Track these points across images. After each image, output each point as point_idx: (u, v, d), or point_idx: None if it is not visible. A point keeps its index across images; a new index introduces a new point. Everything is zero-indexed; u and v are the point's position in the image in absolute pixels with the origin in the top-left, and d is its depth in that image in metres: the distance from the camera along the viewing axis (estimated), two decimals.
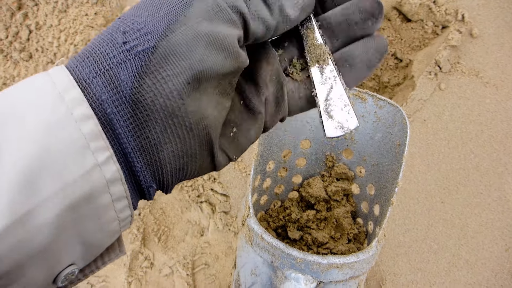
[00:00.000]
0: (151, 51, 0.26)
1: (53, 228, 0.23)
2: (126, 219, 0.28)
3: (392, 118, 0.70)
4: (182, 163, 0.29)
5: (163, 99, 0.26)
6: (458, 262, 0.98)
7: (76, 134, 0.24)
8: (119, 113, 0.26)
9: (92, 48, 0.27)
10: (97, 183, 0.25)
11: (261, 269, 0.61)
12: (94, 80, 0.26)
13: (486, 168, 1.05)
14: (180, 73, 0.26)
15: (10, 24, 1.24)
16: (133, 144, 0.26)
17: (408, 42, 1.22)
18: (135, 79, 0.26)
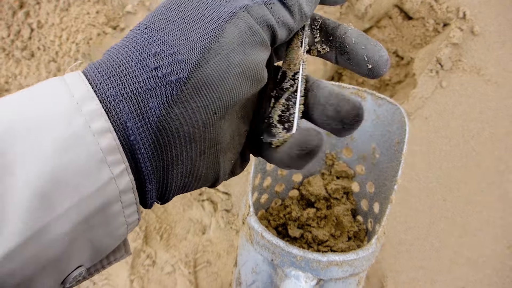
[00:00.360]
0: (184, 82, 0.25)
1: (66, 240, 0.23)
2: (133, 223, 0.28)
3: (391, 116, 0.70)
4: (187, 182, 0.29)
5: (188, 127, 0.26)
6: (459, 260, 0.98)
7: (93, 148, 0.24)
8: (141, 140, 0.25)
9: (117, 65, 0.26)
10: (111, 195, 0.25)
11: (262, 267, 0.61)
12: (120, 104, 0.25)
13: (488, 165, 1.06)
14: (209, 104, 0.26)
15: (12, 23, 1.24)
16: (149, 168, 0.26)
17: (409, 40, 1.22)
18: (163, 107, 0.25)
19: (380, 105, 0.71)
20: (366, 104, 0.73)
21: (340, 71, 1.30)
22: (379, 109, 0.71)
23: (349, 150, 0.81)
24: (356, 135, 0.78)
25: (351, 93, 0.73)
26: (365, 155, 0.78)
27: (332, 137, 0.81)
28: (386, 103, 0.70)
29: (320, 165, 0.86)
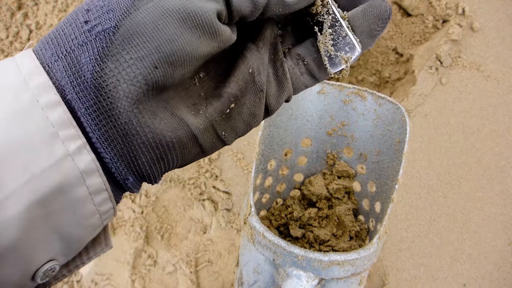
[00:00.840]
0: (113, 32, 0.24)
1: (21, 224, 0.22)
2: (108, 212, 0.26)
3: (392, 115, 0.70)
4: (159, 153, 0.26)
5: (126, 84, 0.24)
6: (460, 256, 0.99)
7: (43, 122, 0.22)
8: (80, 100, 0.24)
9: (57, 29, 0.25)
10: (70, 174, 0.23)
11: (263, 267, 0.61)
12: (56, 64, 0.24)
13: (488, 162, 1.06)
14: (145, 56, 0.24)
15: (11, 24, 1.24)
16: (98, 134, 0.24)
17: (408, 37, 1.23)
18: (96, 63, 0.23)
19: (380, 105, 0.71)
20: (366, 104, 0.73)
21: None
22: (379, 108, 0.72)
23: (350, 149, 0.82)
24: (357, 134, 0.79)
25: (351, 93, 0.73)
26: (366, 154, 0.79)
27: (333, 137, 0.81)
28: (386, 103, 0.70)
29: (321, 165, 0.86)
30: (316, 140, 0.82)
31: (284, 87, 0.31)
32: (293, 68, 0.32)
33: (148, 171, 0.26)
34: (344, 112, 0.77)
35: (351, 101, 0.74)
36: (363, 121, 0.76)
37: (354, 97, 0.73)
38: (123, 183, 0.26)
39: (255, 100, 0.29)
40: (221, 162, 1.10)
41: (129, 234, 1.02)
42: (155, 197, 1.07)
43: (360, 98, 0.73)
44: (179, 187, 1.08)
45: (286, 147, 0.80)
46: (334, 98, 0.75)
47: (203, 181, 1.08)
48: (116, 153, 0.25)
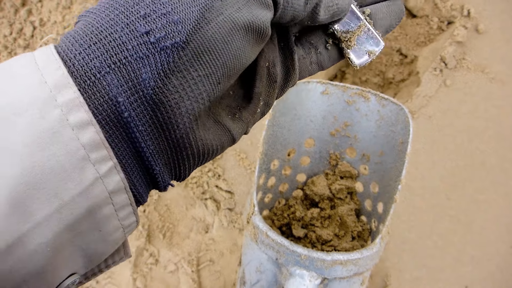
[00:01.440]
0: (182, 47, 0.22)
1: (49, 250, 0.21)
2: (131, 225, 0.25)
3: (395, 116, 0.71)
4: (203, 159, 0.26)
5: (190, 101, 0.23)
6: (463, 258, 0.99)
7: (73, 144, 0.20)
8: (137, 117, 0.22)
9: (99, 30, 0.22)
10: (99, 197, 0.22)
11: (266, 266, 0.62)
12: (107, 76, 0.21)
13: (492, 164, 1.06)
14: (212, 73, 0.23)
15: (14, 21, 1.25)
16: (151, 148, 0.23)
17: (413, 38, 1.23)
18: (159, 78, 0.22)
19: (384, 106, 0.72)
20: (370, 105, 0.74)
21: (343, 70, 1.30)
22: (383, 109, 0.72)
23: (353, 150, 0.82)
24: (360, 135, 0.79)
25: (354, 94, 0.73)
26: (369, 155, 0.79)
27: (336, 137, 0.82)
28: (390, 104, 0.71)
29: (324, 165, 0.86)
30: (319, 140, 0.83)
31: (291, 78, 0.31)
32: (304, 58, 0.31)
33: (186, 174, 0.26)
34: (348, 113, 0.77)
35: (355, 102, 0.75)
36: (366, 122, 0.76)
37: (357, 97, 0.74)
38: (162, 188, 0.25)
39: (269, 91, 0.29)
40: (224, 162, 1.10)
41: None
42: (157, 196, 1.07)
43: (363, 99, 0.73)
44: (181, 186, 1.08)
45: (289, 147, 0.81)
46: (337, 99, 0.76)
47: (205, 180, 1.08)
48: (164, 162, 0.24)
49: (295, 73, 0.30)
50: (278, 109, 0.72)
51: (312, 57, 0.31)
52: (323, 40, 0.32)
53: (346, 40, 0.32)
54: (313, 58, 0.31)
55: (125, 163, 0.23)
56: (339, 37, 0.32)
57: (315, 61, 0.32)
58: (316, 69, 0.32)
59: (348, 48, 0.32)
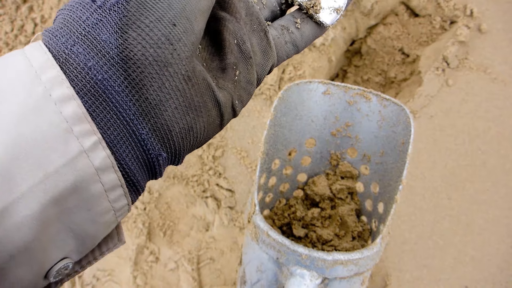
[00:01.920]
0: (125, 1, 0.24)
1: (35, 224, 0.21)
2: (123, 209, 0.25)
3: (396, 117, 0.71)
4: (189, 120, 0.26)
5: (153, 48, 0.24)
6: (464, 259, 0.99)
7: (56, 117, 0.22)
8: (111, 78, 0.23)
9: (63, 17, 0.25)
10: (85, 172, 0.22)
11: (267, 265, 0.62)
12: (74, 48, 0.23)
13: (494, 164, 1.07)
14: (162, 16, 0.24)
15: (16, 17, 1.25)
16: (133, 109, 0.24)
17: (415, 37, 1.23)
18: (117, 35, 0.23)
19: (385, 106, 0.72)
20: (371, 105, 0.74)
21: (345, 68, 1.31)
22: (384, 110, 0.73)
23: (354, 150, 0.82)
24: (361, 135, 0.79)
25: (356, 94, 0.74)
26: (370, 155, 0.80)
27: (337, 137, 0.82)
28: (391, 104, 0.71)
29: (325, 165, 0.87)
30: (320, 140, 0.83)
31: (268, 55, 0.32)
32: (278, 37, 0.33)
33: (180, 145, 0.27)
34: (349, 113, 0.78)
35: (356, 102, 0.75)
36: (368, 122, 0.76)
37: (359, 98, 0.74)
38: (156, 161, 0.26)
39: (247, 67, 0.31)
40: (225, 160, 1.11)
41: (131, 230, 1.03)
42: (158, 194, 1.08)
43: (365, 99, 0.74)
44: (182, 184, 1.09)
45: (291, 147, 0.81)
46: (339, 99, 0.76)
47: (206, 178, 1.09)
48: (150, 127, 0.25)
49: (272, 50, 0.32)
50: (280, 109, 0.73)
51: (286, 36, 0.34)
52: (292, 22, 0.34)
53: (312, 6, 0.34)
54: (287, 38, 0.34)
55: (112, 139, 0.24)
56: (305, 6, 0.34)
57: (289, 40, 0.34)
58: (292, 49, 0.34)
59: (317, 12, 0.34)
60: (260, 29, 0.32)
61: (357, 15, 1.21)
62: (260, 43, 0.32)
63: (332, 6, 0.34)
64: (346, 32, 1.23)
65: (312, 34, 0.35)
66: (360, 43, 1.31)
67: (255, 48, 0.31)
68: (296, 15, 0.35)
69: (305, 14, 0.35)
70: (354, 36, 1.26)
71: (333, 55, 1.20)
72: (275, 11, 0.35)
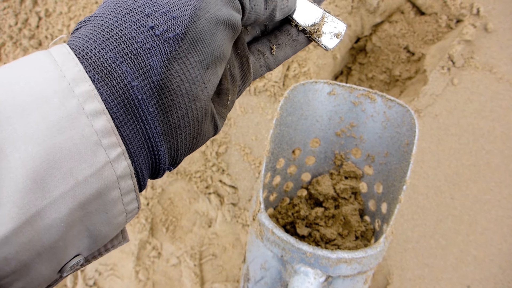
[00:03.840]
0: (181, 37, 0.27)
1: (63, 226, 0.23)
2: (133, 211, 0.28)
3: (401, 118, 0.72)
4: (194, 142, 0.31)
5: (189, 84, 0.28)
6: (466, 258, 1.00)
7: (87, 130, 0.24)
8: (147, 99, 0.26)
9: (110, 28, 0.26)
10: (108, 180, 0.25)
11: (271, 263, 0.64)
12: (122, 65, 0.25)
13: (498, 164, 1.07)
14: (204, 59, 0.28)
15: (20, 11, 1.25)
16: (158, 129, 0.27)
17: (421, 36, 1.23)
18: (164, 65, 0.26)
19: (390, 107, 0.73)
20: (376, 106, 0.75)
21: (349, 66, 1.31)
22: (389, 111, 0.74)
23: (358, 150, 0.83)
24: (366, 136, 0.80)
25: (361, 95, 0.75)
26: (374, 156, 0.81)
27: (341, 137, 0.83)
28: (396, 105, 0.72)
29: (329, 165, 0.88)
30: (325, 140, 0.84)
31: (247, 79, 0.37)
32: (254, 62, 0.37)
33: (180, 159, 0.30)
34: (354, 114, 0.79)
35: (361, 103, 0.76)
36: (372, 123, 0.77)
37: (363, 99, 0.75)
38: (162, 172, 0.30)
39: (233, 89, 0.35)
40: (228, 156, 1.12)
41: (134, 226, 1.04)
42: (161, 189, 1.09)
43: (370, 100, 0.74)
44: (185, 180, 1.10)
45: (295, 146, 0.82)
46: (344, 100, 0.77)
47: (209, 174, 1.10)
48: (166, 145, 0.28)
49: (250, 75, 0.37)
50: (286, 109, 0.74)
51: (261, 61, 0.38)
52: (268, 47, 0.38)
53: (316, 31, 0.38)
54: (262, 62, 0.38)
55: (132, 149, 0.27)
56: (309, 31, 0.38)
57: (264, 64, 0.38)
58: (265, 71, 0.39)
59: (319, 37, 0.38)
60: (243, 55, 0.36)
61: (362, 13, 1.22)
62: (241, 68, 0.36)
63: (333, 31, 0.38)
64: (351, 30, 1.23)
65: (283, 58, 0.39)
66: (365, 41, 1.31)
67: (237, 72, 0.35)
68: (272, 40, 0.38)
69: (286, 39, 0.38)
70: (359, 33, 1.26)
71: (338, 52, 1.21)
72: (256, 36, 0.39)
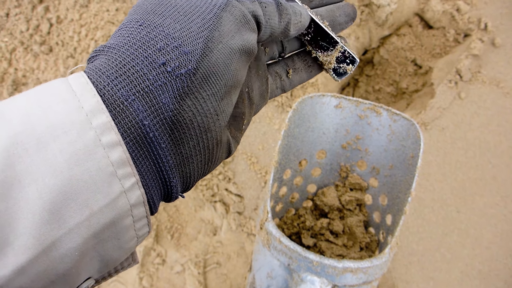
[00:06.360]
0: (193, 73, 0.27)
1: (76, 255, 0.24)
2: (144, 235, 0.29)
3: (406, 131, 0.74)
4: (207, 168, 0.31)
5: (201, 117, 0.28)
6: (471, 272, 1.01)
7: (104, 162, 0.24)
8: (159, 135, 0.26)
9: (122, 64, 0.26)
10: (122, 209, 0.25)
11: (277, 272, 0.65)
12: (134, 103, 0.26)
13: (504, 179, 1.08)
14: (217, 91, 0.28)
15: (31, 17, 1.28)
16: (171, 162, 0.28)
17: (428, 49, 1.25)
18: (176, 101, 0.27)
19: (395, 121, 0.75)
20: (381, 119, 0.77)
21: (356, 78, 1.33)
22: (394, 124, 0.76)
23: (363, 163, 0.85)
24: (371, 149, 0.82)
25: (367, 108, 0.77)
26: (379, 168, 0.82)
27: (347, 150, 0.85)
28: (401, 119, 0.74)
29: (335, 177, 0.89)
30: (331, 152, 0.86)
31: (264, 99, 0.37)
32: (271, 83, 0.38)
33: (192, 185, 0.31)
34: (360, 127, 0.81)
35: (367, 116, 0.78)
36: (378, 136, 0.79)
37: (369, 112, 0.77)
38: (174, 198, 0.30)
39: (250, 112, 0.36)
40: (235, 165, 1.14)
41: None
42: None
43: (375, 113, 0.77)
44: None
45: (302, 157, 0.84)
46: (350, 113, 0.79)
47: (215, 183, 1.12)
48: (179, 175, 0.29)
49: (267, 97, 0.38)
50: (293, 121, 0.76)
51: (278, 83, 0.39)
52: (285, 70, 0.39)
53: (327, 62, 0.40)
54: (278, 84, 0.39)
55: (146, 179, 0.27)
56: (321, 60, 0.40)
57: (280, 86, 0.39)
58: (280, 92, 0.40)
59: (330, 68, 0.40)
60: (264, 75, 0.37)
61: (371, 25, 1.24)
62: (260, 88, 0.37)
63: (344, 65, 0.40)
64: (359, 42, 1.25)
65: (298, 82, 0.41)
66: (372, 53, 1.33)
67: (256, 92, 0.36)
68: (290, 64, 0.40)
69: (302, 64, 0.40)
70: (367, 45, 1.28)
71: None
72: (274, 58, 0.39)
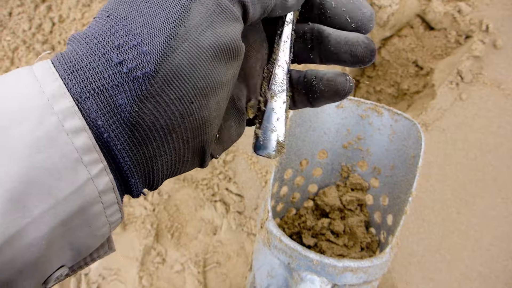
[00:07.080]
0: (152, 76, 0.24)
1: (44, 243, 0.23)
2: (116, 222, 0.27)
3: (407, 131, 0.75)
4: (173, 169, 0.29)
5: (164, 119, 0.25)
6: (471, 274, 1.01)
7: (68, 148, 0.23)
8: (116, 137, 0.25)
9: (80, 58, 0.25)
10: (90, 196, 0.24)
11: (278, 271, 0.66)
12: (87, 101, 0.24)
13: (504, 180, 1.08)
14: (184, 95, 0.25)
15: (34, 16, 1.29)
16: (129, 163, 0.26)
17: (430, 50, 1.26)
18: (134, 103, 0.24)
19: (396, 121, 0.75)
20: (383, 119, 0.77)
21: (357, 79, 1.33)
22: (395, 124, 0.76)
23: (364, 163, 0.85)
24: (372, 149, 0.83)
25: (368, 108, 0.77)
26: (380, 168, 0.83)
27: (348, 150, 0.86)
28: (402, 119, 0.75)
29: (336, 177, 0.90)
30: (332, 152, 0.86)
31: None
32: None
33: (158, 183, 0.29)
34: (361, 127, 0.81)
35: (368, 116, 0.78)
36: (379, 136, 0.80)
37: (371, 112, 0.77)
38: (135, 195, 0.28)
39: (239, 122, 0.33)
40: (235, 165, 1.14)
41: (139, 231, 1.06)
42: (168, 196, 1.10)
43: (376, 113, 0.77)
44: (192, 187, 1.11)
45: (303, 157, 0.84)
46: (351, 113, 0.79)
47: (216, 182, 1.12)
48: (139, 174, 0.27)
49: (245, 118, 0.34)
50: (295, 120, 0.76)
51: None
52: None
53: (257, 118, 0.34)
54: None
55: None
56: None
57: None
58: None
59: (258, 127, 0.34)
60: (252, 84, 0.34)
61: None
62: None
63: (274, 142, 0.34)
64: None
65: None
66: None
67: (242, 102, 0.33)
68: None
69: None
70: None
71: None
72: None
